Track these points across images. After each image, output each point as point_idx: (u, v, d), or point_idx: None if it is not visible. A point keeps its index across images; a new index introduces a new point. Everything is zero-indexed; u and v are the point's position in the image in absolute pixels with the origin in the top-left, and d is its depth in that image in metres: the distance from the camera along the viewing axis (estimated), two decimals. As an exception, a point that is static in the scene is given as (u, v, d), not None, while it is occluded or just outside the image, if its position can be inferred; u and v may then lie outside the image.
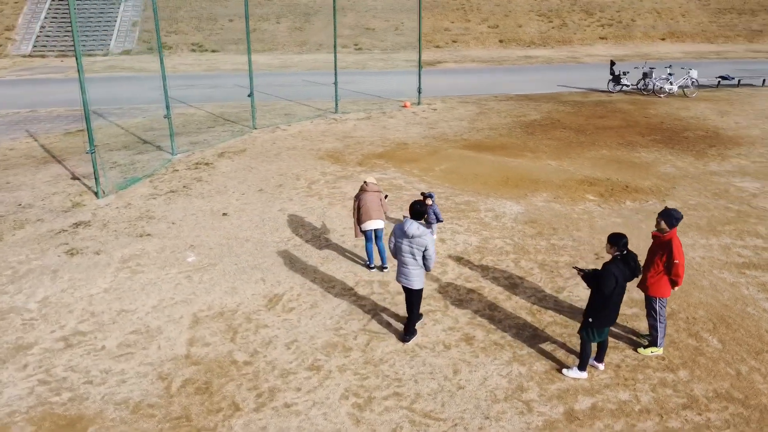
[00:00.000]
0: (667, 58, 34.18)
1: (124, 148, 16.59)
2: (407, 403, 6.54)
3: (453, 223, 11.13)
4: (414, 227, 7.11)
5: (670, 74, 23.37)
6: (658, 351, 7.32)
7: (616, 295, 6.64)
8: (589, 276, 6.80)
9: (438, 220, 10.24)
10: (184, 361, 7.28)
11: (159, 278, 9.29)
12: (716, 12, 44.26)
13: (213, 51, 36.66)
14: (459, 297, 8.66)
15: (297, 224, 11.27)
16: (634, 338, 7.64)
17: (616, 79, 23.87)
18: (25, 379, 6.96)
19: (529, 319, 8.09)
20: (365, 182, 9.18)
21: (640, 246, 9.66)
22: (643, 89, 23.76)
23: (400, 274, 7.40)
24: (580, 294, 8.73)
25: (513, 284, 9.00)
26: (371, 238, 9.17)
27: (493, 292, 8.78)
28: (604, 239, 10.41)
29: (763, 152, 15.89)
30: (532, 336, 7.72)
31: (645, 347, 7.37)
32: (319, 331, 7.85)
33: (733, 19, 43.70)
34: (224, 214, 11.78)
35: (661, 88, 23.07)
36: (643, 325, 7.78)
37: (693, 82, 23.16)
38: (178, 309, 8.41)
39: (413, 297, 7.42)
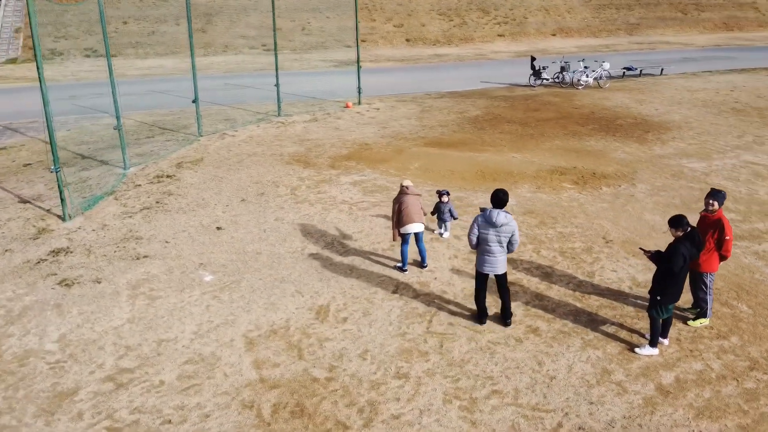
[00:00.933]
0: (564, 52, 36.55)
1: (63, 164, 15.06)
2: (510, 399, 6.58)
3: (460, 219, 11.26)
4: (501, 216, 7.34)
5: (585, 67, 25.07)
6: (705, 321, 7.90)
7: (683, 272, 7.10)
8: (655, 256, 7.20)
9: (453, 217, 10.34)
10: (260, 385, 6.81)
11: (183, 302, 8.59)
12: (597, 8, 47.94)
13: (111, 56, 34.14)
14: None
15: (302, 233, 10.87)
16: (677, 312, 8.19)
17: (536, 74, 25.19)
18: (90, 430, 6.19)
19: (578, 305, 8.41)
20: (404, 186, 9.05)
21: (638, 228, 10.33)
22: (561, 82, 25.28)
23: (485, 263, 7.56)
24: (610, 277, 9.20)
25: (546, 273, 9.30)
26: (408, 241, 9.07)
27: (531, 283, 9.02)
28: (603, 224, 11.07)
29: (692, 135, 17.52)
30: (589, 321, 8.03)
31: (694, 319, 7.93)
32: (386, 339, 7.66)
33: (612, 14, 47.57)
34: (218, 228, 11.10)
35: (579, 80, 24.67)
36: (684, 299, 8.34)
37: (606, 73, 24.99)
38: (223, 332, 7.84)
39: (503, 280, 7.72)
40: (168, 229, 11.07)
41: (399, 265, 9.39)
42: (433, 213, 10.60)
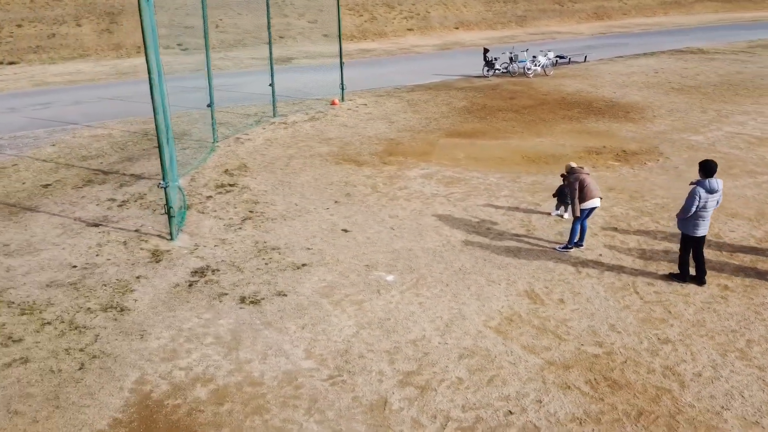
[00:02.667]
0: (478, 44, 38.58)
1: (88, 182, 13.62)
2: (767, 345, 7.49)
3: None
4: (720, 182, 8.41)
5: (534, 57, 26.91)
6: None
7: None
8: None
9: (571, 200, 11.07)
10: (553, 367, 7.08)
11: (392, 303, 8.49)
12: (488, 2, 50.94)
13: (10, 63, 30.42)
14: (669, 259, 9.70)
15: (430, 227, 10.99)
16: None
17: (489, 65, 26.60)
18: None
19: (736, 262, 9.55)
20: (575, 166, 9.64)
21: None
22: (511, 72, 26.92)
23: (700, 227, 8.58)
24: (741, 235, 10.49)
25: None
26: (587, 216, 9.69)
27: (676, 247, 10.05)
28: (678, 193, 12.41)
29: (666, 113, 19.73)
30: (759, 274, 9.20)
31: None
32: (617, 312, 8.22)
33: (502, 7, 50.82)
34: (344, 230, 10.88)
35: (528, 69, 26.45)
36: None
37: (551, 62, 27.03)
38: (463, 325, 7.92)
39: (703, 242, 8.77)
40: (295, 237, 10.64)
41: (565, 246, 9.93)
42: (554, 195, 11.27)
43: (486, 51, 26.90)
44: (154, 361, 7.30)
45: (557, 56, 29.55)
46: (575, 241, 9.93)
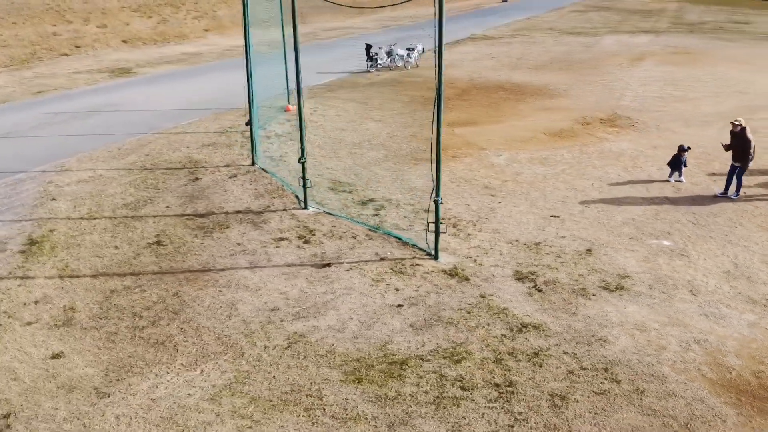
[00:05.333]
0: (331, 36, 38.86)
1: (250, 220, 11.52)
2: None
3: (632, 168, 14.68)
4: None
5: (409, 50, 28.91)
6: None
7: None
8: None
9: (684, 166, 13.83)
10: None
11: (699, 258, 10.16)
12: (264, -1, 50.73)
13: None
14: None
15: (623, 200, 12.70)
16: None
17: (372, 59, 27.82)
18: None
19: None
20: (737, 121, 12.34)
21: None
22: (390, 66, 28.55)
23: None
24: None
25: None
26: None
27: (768, 183, 13.64)
28: (705, 144, 16.16)
29: (569, 89, 23.91)
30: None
31: None
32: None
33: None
34: (554, 216, 11.86)
35: (408, 61, 28.48)
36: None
37: (419, 54, 29.42)
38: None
39: None
40: (584, 232, 11.32)
41: (737, 193, 12.66)
42: (668, 164, 13.84)
43: (369, 47, 28.04)
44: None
45: (407, 48, 32.14)
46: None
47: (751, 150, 12.54)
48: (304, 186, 12.34)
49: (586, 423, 6.71)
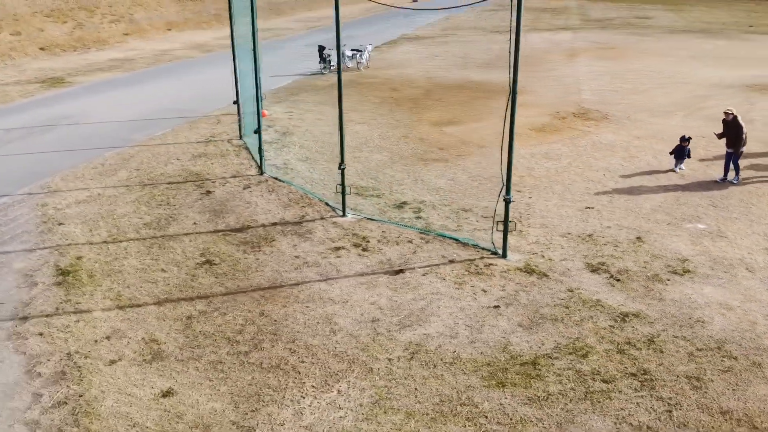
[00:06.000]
0: (224, 48, 37.51)
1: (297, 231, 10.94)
2: None
3: (636, 153, 15.57)
4: None
5: (360, 51, 28.72)
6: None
7: None
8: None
9: (688, 157, 14.77)
10: None
11: (733, 237, 10.99)
12: (180, 1, 48.42)
13: None
14: None
15: (659, 185, 13.35)
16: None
17: (325, 61, 27.44)
18: None
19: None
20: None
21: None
22: (345, 66, 28.30)
23: None
24: None
25: (741, 158, 15.28)
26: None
27: None
28: (700, 132, 17.37)
29: (536, 84, 24.79)
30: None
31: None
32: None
33: (197, 6, 49.01)
34: (587, 208, 12.32)
35: (360, 62, 28.33)
36: None
37: (369, 54, 29.35)
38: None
39: None
40: (624, 221, 11.70)
41: (737, 177, 13.68)
42: (671, 153, 14.72)
43: (322, 48, 27.61)
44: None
45: (353, 50, 32.00)
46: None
47: (743, 136, 13.68)
48: (343, 193, 12.05)
49: (730, 399, 7.11)
